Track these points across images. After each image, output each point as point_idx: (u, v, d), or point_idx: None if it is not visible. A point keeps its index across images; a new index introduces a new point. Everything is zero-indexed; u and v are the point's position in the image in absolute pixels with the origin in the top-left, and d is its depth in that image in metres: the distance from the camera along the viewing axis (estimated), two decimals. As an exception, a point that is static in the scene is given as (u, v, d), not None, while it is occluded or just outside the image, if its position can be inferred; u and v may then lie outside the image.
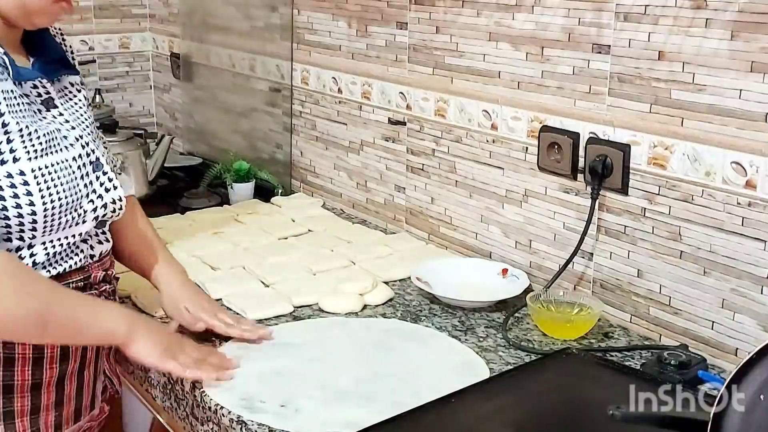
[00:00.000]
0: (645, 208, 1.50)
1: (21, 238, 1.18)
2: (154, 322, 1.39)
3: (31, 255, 1.21)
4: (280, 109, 2.43)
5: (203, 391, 1.30)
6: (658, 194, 1.48)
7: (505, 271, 1.72)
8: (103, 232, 1.34)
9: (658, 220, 1.48)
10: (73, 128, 1.28)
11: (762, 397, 0.95)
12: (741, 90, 1.33)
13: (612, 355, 1.44)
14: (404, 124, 2.00)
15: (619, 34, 1.49)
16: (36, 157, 1.17)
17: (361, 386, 1.31)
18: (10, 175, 1.15)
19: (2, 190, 1.15)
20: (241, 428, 1.22)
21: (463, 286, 1.66)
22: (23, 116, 1.18)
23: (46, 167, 1.19)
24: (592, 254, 1.61)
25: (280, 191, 2.35)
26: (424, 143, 1.95)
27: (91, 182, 1.27)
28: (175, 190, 2.39)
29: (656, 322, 1.51)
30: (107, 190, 1.29)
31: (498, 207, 1.80)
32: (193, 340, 1.37)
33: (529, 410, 1.26)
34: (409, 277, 1.71)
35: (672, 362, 1.32)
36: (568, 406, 1.29)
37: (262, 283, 1.72)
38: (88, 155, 1.27)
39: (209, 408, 1.28)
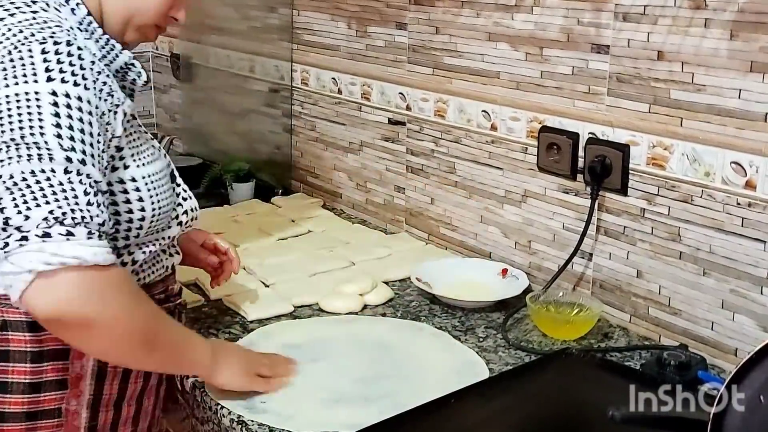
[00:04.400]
0: (644, 209, 1.50)
1: (126, 237, 1.20)
2: (225, 344, 1.38)
3: (133, 259, 1.22)
4: (280, 109, 2.43)
5: (204, 391, 1.30)
6: (658, 194, 1.48)
7: (504, 271, 1.72)
8: (173, 245, 1.35)
9: (658, 221, 1.48)
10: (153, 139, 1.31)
11: (762, 397, 0.95)
12: (740, 90, 1.33)
13: (612, 356, 1.44)
14: (404, 124, 2.00)
15: (618, 34, 1.49)
16: (142, 166, 1.20)
17: (361, 386, 1.31)
18: (122, 181, 1.17)
19: (115, 195, 1.16)
20: (241, 428, 1.22)
21: (463, 287, 1.66)
22: (134, 130, 1.21)
23: (150, 175, 1.21)
24: (591, 254, 1.61)
25: (279, 192, 2.35)
26: (423, 144, 1.95)
27: (173, 189, 1.30)
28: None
29: (656, 322, 1.52)
30: (184, 199, 1.33)
31: (497, 207, 1.80)
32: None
33: (528, 411, 1.26)
34: (409, 278, 1.72)
35: (672, 362, 1.32)
36: (567, 407, 1.29)
37: (263, 283, 1.72)
38: (168, 165, 1.30)
39: (209, 408, 1.28)
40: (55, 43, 1.07)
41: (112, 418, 1.23)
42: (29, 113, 1.03)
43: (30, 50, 1.06)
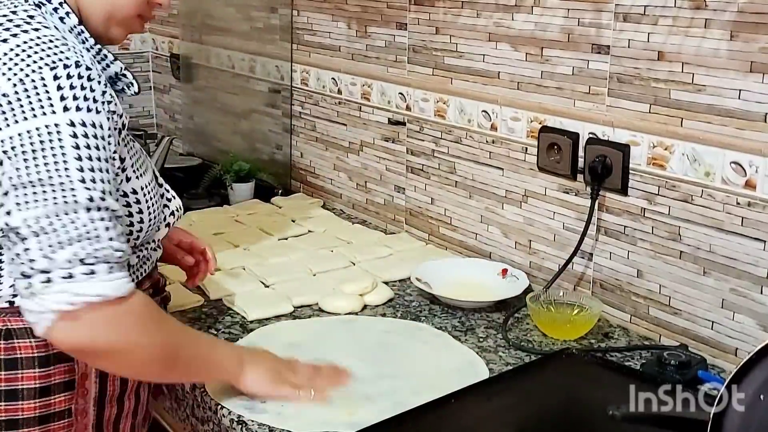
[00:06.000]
0: (644, 209, 1.50)
1: None
2: (258, 351, 1.34)
3: (128, 264, 1.22)
4: (280, 110, 2.43)
5: (203, 391, 1.30)
6: (658, 194, 1.48)
7: (504, 271, 1.72)
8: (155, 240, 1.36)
9: (658, 221, 1.48)
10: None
11: (762, 397, 0.95)
12: (740, 90, 1.33)
13: (612, 356, 1.44)
14: (404, 124, 2.00)
15: (618, 34, 1.49)
16: (140, 176, 1.20)
17: (361, 386, 1.31)
18: (125, 194, 1.18)
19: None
20: (241, 428, 1.22)
21: (463, 287, 1.66)
22: (129, 139, 1.20)
23: (147, 185, 1.22)
24: (591, 254, 1.61)
25: (280, 192, 2.35)
26: (423, 144, 1.96)
27: (160, 193, 1.30)
28: (175, 191, 2.38)
29: (656, 322, 1.52)
30: (169, 200, 1.33)
31: (498, 207, 1.80)
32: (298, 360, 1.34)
33: (529, 411, 1.26)
34: (409, 278, 1.71)
35: (672, 362, 1.32)
36: (568, 407, 1.30)
37: (263, 283, 1.72)
38: (151, 168, 1.30)
39: (210, 408, 1.28)
40: (65, 66, 1.05)
41: (115, 413, 1.25)
42: (52, 149, 1.03)
43: (42, 77, 1.04)
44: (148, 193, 1.22)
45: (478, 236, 1.86)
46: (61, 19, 1.15)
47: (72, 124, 1.04)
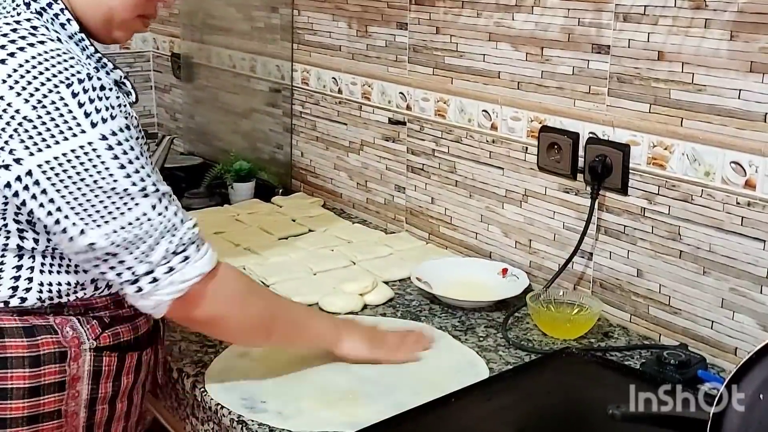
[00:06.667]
0: (644, 208, 1.51)
1: None
2: (353, 322, 1.48)
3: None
4: (281, 109, 2.44)
5: (204, 391, 1.30)
6: (658, 194, 1.48)
7: (504, 270, 1.72)
8: None
9: (658, 220, 1.49)
10: None
11: (761, 396, 0.95)
12: (740, 90, 1.33)
13: (612, 355, 1.44)
14: (404, 124, 2.00)
15: (618, 34, 1.49)
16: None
17: (361, 386, 1.32)
18: None
19: None
20: (241, 428, 1.22)
21: (463, 286, 1.66)
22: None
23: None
24: (591, 254, 1.61)
25: (280, 191, 2.35)
26: (424, 143, 1.96)
27: None
28: (176, 190, 2.36)
29: (656, 321, 1.52)
30: None
31: (498, 207, 1.80)
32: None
33: (529, 410, 1.27)
34: (409, 277, 1.72)
35: (672, 362, 1.32)
36: (568, 406, 1.30)
37: (263, 283, 1.72)
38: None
39: (210, 408, 1.29)
40: (80, 81, 1.07)
41: (107, 415, 1.25)
42: (95, 166, 1.07)
43: (62, 97, 1.05)
44: None
45: (479, 236, 1.86)
46: (62, 25, 1.16)
47: (104, 138, 1.08)
